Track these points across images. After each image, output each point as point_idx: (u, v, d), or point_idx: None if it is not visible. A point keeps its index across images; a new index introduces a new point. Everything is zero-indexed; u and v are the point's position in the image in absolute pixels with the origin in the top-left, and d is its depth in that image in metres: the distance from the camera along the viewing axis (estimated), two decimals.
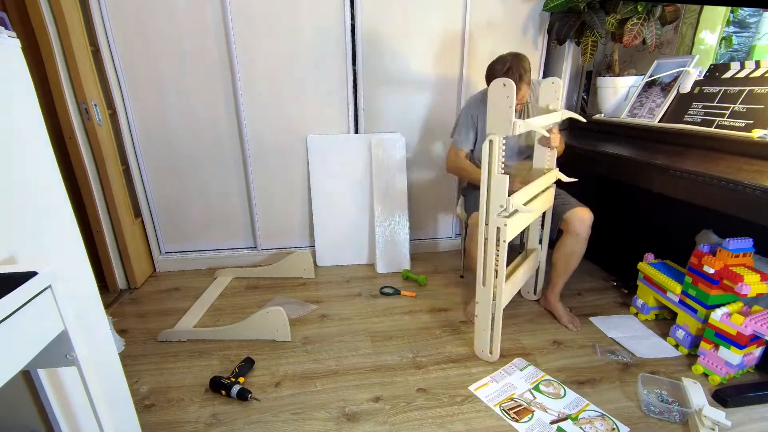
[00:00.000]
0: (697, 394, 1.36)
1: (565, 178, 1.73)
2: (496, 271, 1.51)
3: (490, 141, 1.36)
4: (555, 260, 1.83)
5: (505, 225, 1.43)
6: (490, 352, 1.61)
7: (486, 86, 1.68)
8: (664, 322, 1.84)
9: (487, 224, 1.47)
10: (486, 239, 1.48)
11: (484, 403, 1.41)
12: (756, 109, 1.51)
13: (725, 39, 2.04)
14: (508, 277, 1.63)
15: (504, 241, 1.45)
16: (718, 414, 1.26)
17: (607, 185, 2.26)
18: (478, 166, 1.83)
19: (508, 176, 1.40)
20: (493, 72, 1.64)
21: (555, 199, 1.84)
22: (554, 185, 1.80)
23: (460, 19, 2.17)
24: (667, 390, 1.41)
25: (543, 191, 1.70)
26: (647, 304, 1.84)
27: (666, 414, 1.33)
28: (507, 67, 1.60)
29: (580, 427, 1.30)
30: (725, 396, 1.37)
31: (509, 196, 1.42)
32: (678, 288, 1.65)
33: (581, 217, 1.70)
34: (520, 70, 1.60)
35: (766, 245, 1.50)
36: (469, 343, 1.73)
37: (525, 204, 1.53)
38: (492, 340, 1.60)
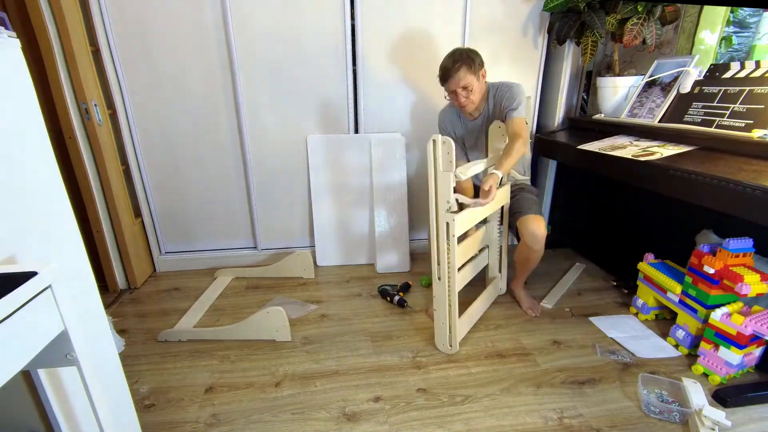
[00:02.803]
0: (697, 394, 1.36)
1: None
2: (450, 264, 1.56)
3: (433, 140, 1.43)
4: (515, 259, 1.91)
5: (453, 221, 1.47)
6: (450, 345, 1.65)
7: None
8: (664, 322, 1.84)
9: (437, 221, 1.51)
10: (438, 235, 1.52)
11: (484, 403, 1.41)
12: (756, 109, 1.51)
13: (725, 39, 2.04)
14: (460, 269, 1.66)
15: (453, 236, 1.49)
16: (718, 414, 1.26)
17: (608, 185, 2.26)
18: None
19: (451, 174, 1.44)
20: (443, 61, 1.73)
21: (511, 198, 1.88)
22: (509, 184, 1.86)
23: (460, 18, 2.17)
24: (667, 390, 1.41)
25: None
26: (647, 304, 1.84)
27: (666, 414, 1.33)
28: (451, 51, 1.71)
29: None
30: (725, 396, 1.37)
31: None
32: (678, 288, 1.65)
33: (533, 232, 1.71)
34: (463, 56, 1.66)
35: (766, 245, 1.50)
36: (470, 343, 1.73)
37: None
38: (451, 331, 1.63)
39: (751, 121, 1.50)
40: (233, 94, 2.15)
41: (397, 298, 2.01)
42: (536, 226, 1.72)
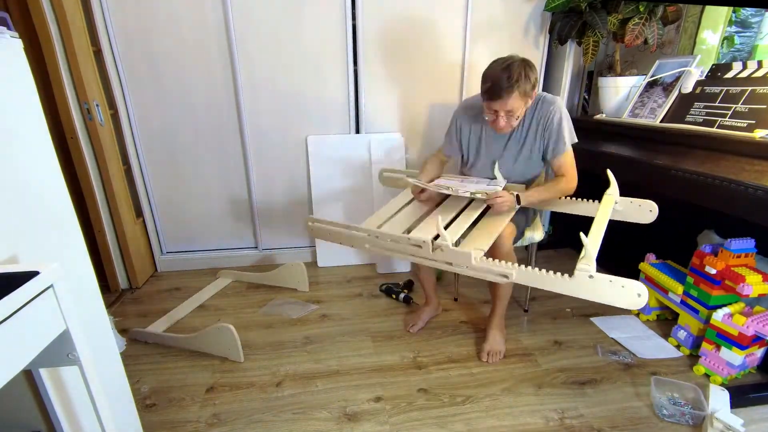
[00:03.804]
0: (719, 400, 1.33)
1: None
2: None
3: None
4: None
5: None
6: None
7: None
8: (665, 322, 1.83)
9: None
10: None
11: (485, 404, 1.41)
12: (758, 109, 1.51)
13: (727, 39, 2.04)
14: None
15: None
16: (735, 420, 1.23)
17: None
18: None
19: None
20: (488, 69, 1.42)
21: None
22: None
23: (461, 18, 2.16)
24: (679, 393, 1.40)
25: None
26: (648, 305, 1.84)
27: (678, 417, 1.32)
28: (506, 64, 1.37)
29: None
30: None
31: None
32: (680, 288, 1.65)
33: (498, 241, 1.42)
34: (521, 77, 1.35)
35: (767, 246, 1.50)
36: (470, 343, 1.73)
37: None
38: None
39: (753, 122, 1.49)
40: (234, 94, 2.15)
41: (402, 295, 2.05)
42: (502, 233, 1.43)
